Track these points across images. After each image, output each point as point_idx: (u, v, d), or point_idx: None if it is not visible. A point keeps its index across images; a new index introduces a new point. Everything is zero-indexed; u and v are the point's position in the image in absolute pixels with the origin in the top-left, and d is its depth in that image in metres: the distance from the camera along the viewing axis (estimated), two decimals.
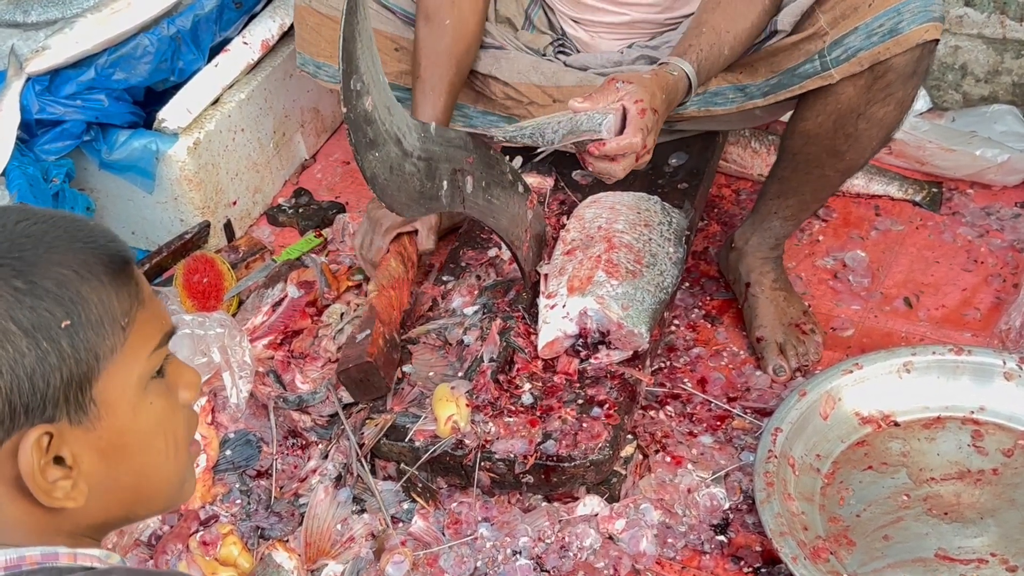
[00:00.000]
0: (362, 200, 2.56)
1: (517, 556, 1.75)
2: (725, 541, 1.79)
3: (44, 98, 2.22)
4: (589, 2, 2.11)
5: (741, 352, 2.14)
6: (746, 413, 1.99)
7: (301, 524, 1.81)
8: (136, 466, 0.98)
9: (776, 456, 1.80)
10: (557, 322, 1.87)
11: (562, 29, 2.21)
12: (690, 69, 1.77)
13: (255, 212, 2.57)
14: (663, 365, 2.10)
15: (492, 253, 2.16)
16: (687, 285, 2.27)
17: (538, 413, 1.82)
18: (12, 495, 0.92)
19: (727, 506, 1.83)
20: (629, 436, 1.89)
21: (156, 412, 0.98)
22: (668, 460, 1.89)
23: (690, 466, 1.88)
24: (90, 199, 2.36)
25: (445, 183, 1.73)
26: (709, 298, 2.26)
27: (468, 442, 1.78)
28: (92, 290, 0.92)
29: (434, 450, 1.79)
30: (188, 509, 1.85)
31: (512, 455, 1.76)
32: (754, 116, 2.11)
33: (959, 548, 1.71)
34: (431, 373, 1.91)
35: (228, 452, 1.95)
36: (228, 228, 2.48)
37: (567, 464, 1.76)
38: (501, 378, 1.88)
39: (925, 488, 1.82)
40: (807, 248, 2.37)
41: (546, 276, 1.96)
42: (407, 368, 1.93)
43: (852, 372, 1.93)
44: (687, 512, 1.82)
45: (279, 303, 2.16)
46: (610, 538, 1.77)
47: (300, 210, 2.56)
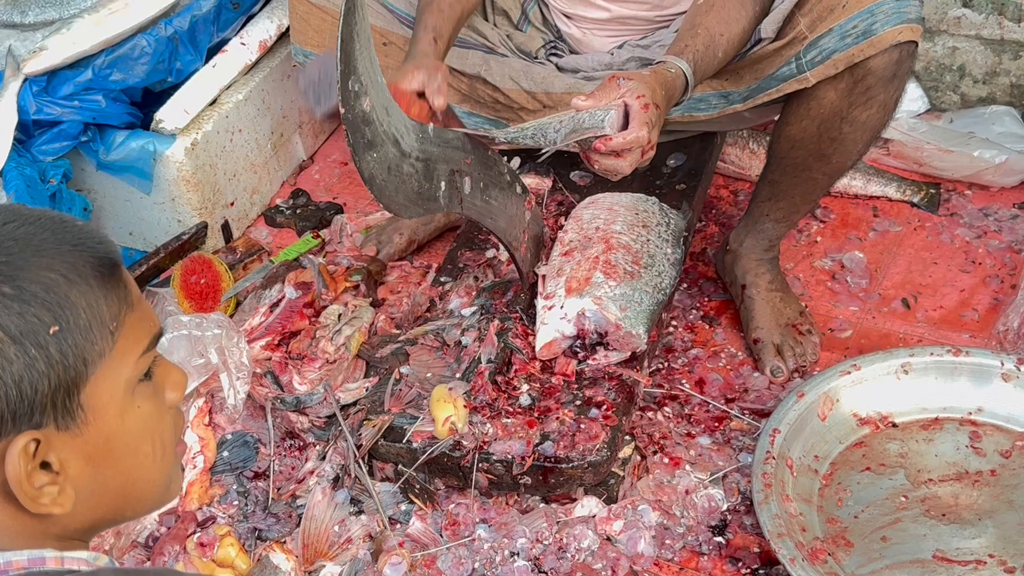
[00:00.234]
0: (360, 201, 2.56)
1: (515, 557, 1.75)
2: (723, 542, 1.79)
3: (41, 99, 2.22)
4: None
5: (739, 353, 2.14)
6: (744, 414, 1.99)
7: (299, 525, 1.80)
8: (123, 469, 0.97)
9: (774, 457, 1.80)
10: (555, 323, 1.87)
11: (556, 25, 2.21)
12: (687, 68, 1.77)
13: (253, 213, 2.57)
14: (661, 366, 2.10)
15: (490, 254, 2.16)
16: (685, 286, 2.27)
17: (536, 414, 1.82)
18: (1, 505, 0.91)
19: (725, 507, 1.83)
20: (627, 437, 1.89)
21: (143, 415, 0.97)
22: (666, 461, 1.89)
23: (688, 467, 1.88)
24: (87, 200, 2.36)
25: (443, 184, 1.72)
26: (707, 299, 2.26)
27: (466, 443, 1.78)
28: (81, 294, 0.90)
29: (432, 451, 1.78)
30: (185, 511, 1.85)
31: (510, 456, 1.76)
32: (742, 119, 2.11)
33: (957, 549, 1.71)
34: (429, 374, 1.91)
35: (225, 453, 1.95)
36: (226, 229, 2.48)
37: (565, 465, 1.76)
38: (499, 379, 1.88)
39: (923, 489, 1.81)
40: (805, 249, 2.37)
41: (544, 277, 1.96)
42: (404, 369, 1.93)
43: (850, 373, 1.93)
44: (685, 513, 1.82)
45: (277, 304, 2.16)
46: (608, 539, 1.77)
47: (298, 211, 2.55)
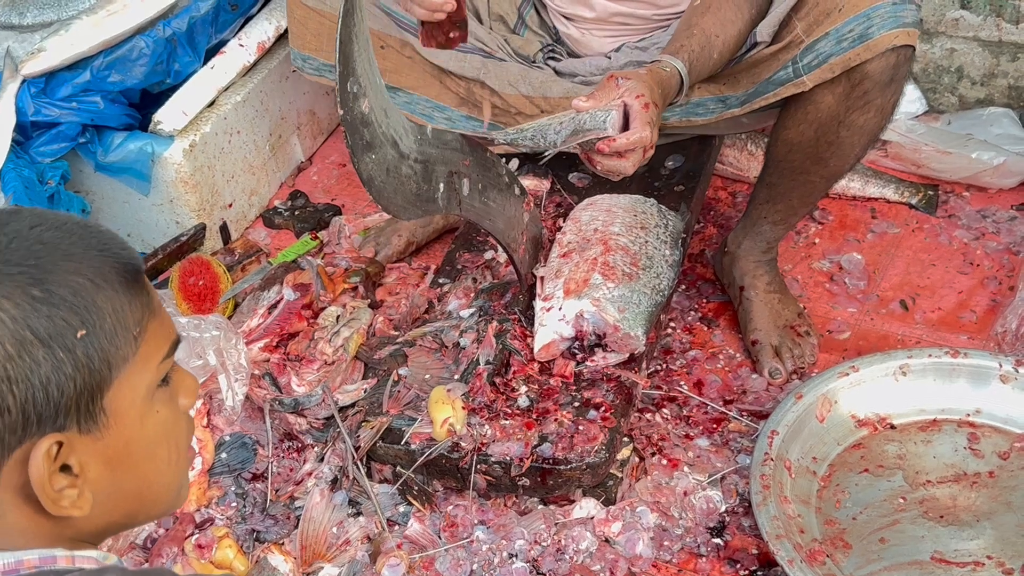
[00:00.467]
0: (358, 202, 2.56)
1: (513, 559, 1.75)
2: (721, 544, 1.79)
3: (40, 100, 2.22)
4: None
5: (737, 355, 2.14)
6: (742, 416, 1.99)
7: (297, 527, 1.80)
8: (140, 473, 0.98)
9: (772, 459, 1.80)
10: (553, 325, 1.87)
11: (554, 27, 2.21)
12: (682, 67, 1.78)
13: (251, 214, 2.57)
14: (659, 368, 2.10)
15: (488, 256, 2.16)
16: (683, 288, 2.27)
17: (534, 416, 1.82)
18: (16, 502, 0.92)
19: (723, 509, 1.83)
20: (625, 439, 1.89)
21: (162, 420, 0.99)
22: (664, 463, 1.89)
23: (686, 469, 1.88)
24: (85, 201, 2.36)
25: (441, 185, 1.72)
26: (705, 300, 2.26)
27: (464, 445, 1.78)
28: (107, 299, 0.92)
29: (430, 453, 1.78)
30: (183, 512, 1.85)
31: (508, 458, 1.76)
32: (740, 123, 2.11)
33: (955, 551, 1.71)
34: (427, 376, 1.91)
35: (224, 455, 1.95)
36: (224, 230, 2.47)
37: (563, 467, 1.76)
38: (497, 381, 1.88)
39: (921, 491, 1.81)
40: (803, 251, 2.37)
41: (542, 279, 1.96)
42: (403, 371, 1.93)
43: (848, 375, 1.93)
44: (683, 515, 1.82)
45: (275, 306, 2.16)
46: (606, 541, 1.77)
47: (296, 212, 2.55)
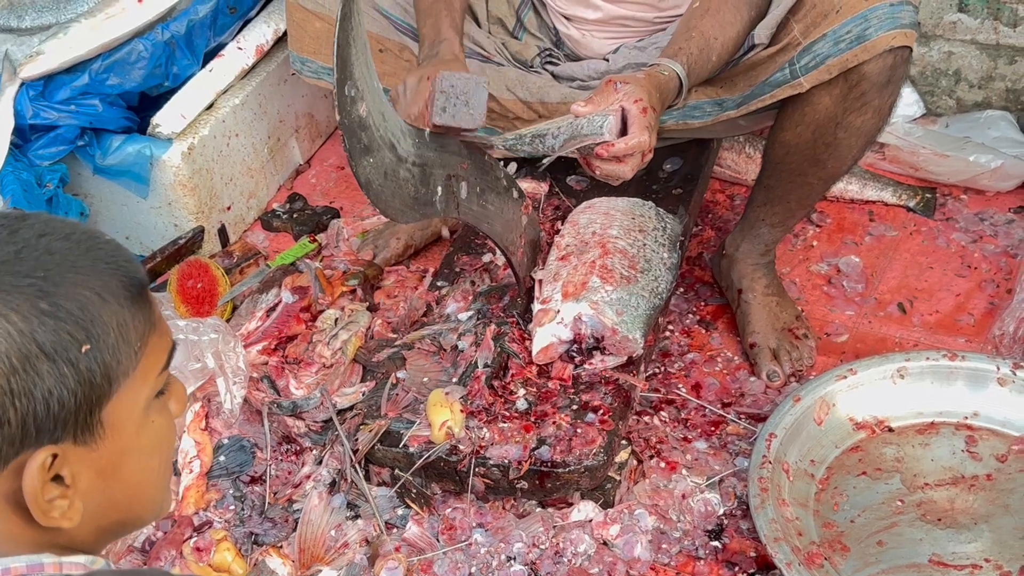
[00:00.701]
0: (357, 205, 2.56)
1: (511, 562, 1.75)
2: (719, 547, 1.79)
3: (38, 103, 2.22)
4: None
5: (735, 358, 2.14)
6: (740, 418, 1.99)
7: (295, 530, 1.80)
8: (132, 483, 0.98)
9: (770, 462, 1.80)
10: (551, 327, 1.87)
11: (554, 27, 2.21)
12: (681, 71, 1.78)
13: (249, 217, 2.57)
14: (657, 370, 2.10)
15: (487, 259, 2.16)
16: (681, 290, 2.27)
17: (532, 419, 1.82)
18: (6, 511, 0.92)
19: (721, 512, 1.83)
20: (623, 442, 1.89)
21: (156, 430, 0.99)
22: (662, 466, 1.89)
23: (684, 471, 1.88)
24: (84, 204, 2.36)
25: (440, 189, 1.72)
26: (703, 303, 2.26)
27: (462, 448, 1.78)
28: (112, 314, 0.92)
29: (428, 456, 1.78)
30: (181, 515, 1.85)
31: (506, 461, 1.76)
32: (737, 126, 2.11)
33: (953, 554, 1.72)
34: (425, 379, 1.91)
35: (222, 458, 1.95)
36: (222, 233, 2.48)
37: (561, 470, 1.76)
38: (495, 384, 1.88)
39: (919, 494, 1.82)
40: (801, 253, 2.37)
41: (540, 281, 1.96)
42: (401, 374, 1.93)
43: (846, 378, 1.93)
44: (681, 518, 1.82)
45: (273, 309, 2.16)
46: (604, 544, 1.77)
47: (294, 215, 2.55)
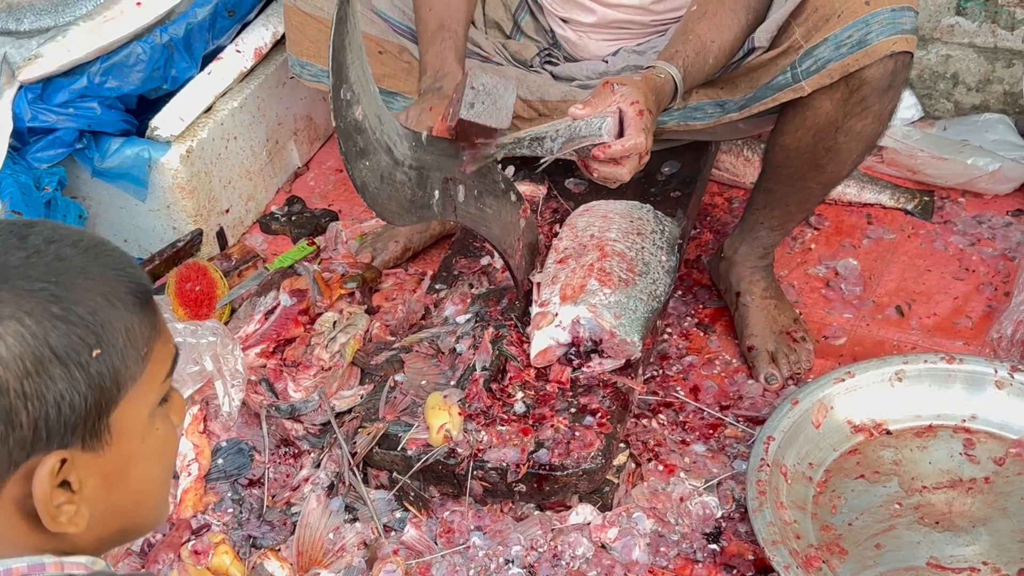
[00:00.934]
0: (355, 208, 2.56)
1: (509, 565, 1.75)
2: (718, 550, 1.79)
3: (36, 106, 2.22)
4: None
5: (734, 360, 2.14)
6: (738, 421, 1.99)
7: (293, 533, 1.80)
8: (136, 490, 0.99)
9: (768, 464, 1.80)
10: (550, 331, 1.87)
11: (551, 30, 2.21)
12: (676, 73, 1.78)
13: (248, 220, 2.57)
14: (656, 373, 2.10)
15: (485, 262, 2.16)
16: (680, 293, 2.27)
17: (530, 422, 1.82)
18: (13, 517, 0.92)
19: (720, 515, 1.83)
20: (622, 445, 1.89)
21: (160, 438, 1.00)
22: (661, 469, 1.89)
23: (683, 474, 1.88)
24: (82, 207, 2.36)
25: (437, 192, 1.72)
26: (702, 306, 2.26)
27: (460, 451, 1.78)
28: (120, 319, 0.93)
29: (426, 459, 1.78)
30: (180, 518, 1.85)
31: (504, 464, 1.76)
32: (738, 129, 2.11)
33: (951, 557, 1.72)
34: (423, 382, 1.91)
35: (220, 461, 1.95)
36: (221, 236, 2.48)
37: (559, 473, 1.76)
38: (494, 387, 1.88)
39: (917, 497, 1.82)
40: (799, 256, 2.38)
41: (539, 285, 1.96)
42: (399, 377, 1.93)
43: (844, 380, 1.93)
44: (680, 521, 1.82)
45: (272, 311, 2.16)
46: (603, 547, 1.77)
47: (293, 218, 2.55)
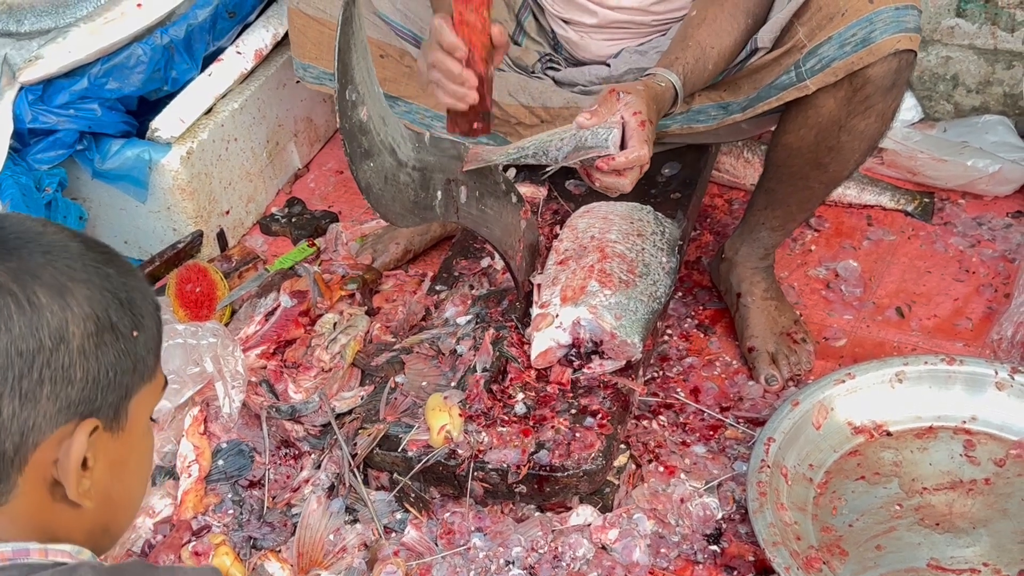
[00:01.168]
0: (355, 209, 2.56)
1: (510, 566, 1.75)
2: (718, 551, 1.79)
3: (37, 107, 2.22)
4: (578, 0, 2.12)
5: (734, 362, 2.14)
6: (739, 423, 2.00)
7: (294, 534, 1.80)
8: (128, 486, 1.05)
9: (769, 466, 1.80)
10: (550, 332, 1.87)
11: (552, 31, 2.21)
12: (676, 80, 1.79)
13: (248, 221, 2.57)
14: (656, 375, 2.10)
15: (485, 263, 2.16)
16: (680, 295, 2.27)
17: (531, 423, 1.82)
18: (37, 484, 0.95)
19: (720, 516, 1.83)
20: (622, 446, 1.89)
21: (149, 444, 1.08)
22: (661, 470, 1.89)
23: (683, 476, 1.88)
24: (83, 208, 2.36)
25: (439, 193, 1.73)
26: (702, 308, 2.26)
27: (461, 452, 1.78)
28: (148, 315, 1.02)
29: (427, 460, 1.78)
30: (180, 519, 1.85)
31: (505, 465, 1.76)
32: (740, 129, 2.11)
33: (951, 558, 1.72)
34: (424, 383, 1.91)
35: (220, 462, 1.95)
36: (221, 237, 2.48)
37: (560, 474, 1.76)
38: (494, 388, 1.88)
39: (917, 498, 1.82)
40: (799, 258, 2.38)
41: (539, 286, 1.96)
42: (400, 378, 1.93)
43: (844, 382, 1.93)
44: (680, 522, 1.82)
45: (272, 313, 2.16)
46: (603, 548, 1.77)
47: (293, 219, 2.56)
